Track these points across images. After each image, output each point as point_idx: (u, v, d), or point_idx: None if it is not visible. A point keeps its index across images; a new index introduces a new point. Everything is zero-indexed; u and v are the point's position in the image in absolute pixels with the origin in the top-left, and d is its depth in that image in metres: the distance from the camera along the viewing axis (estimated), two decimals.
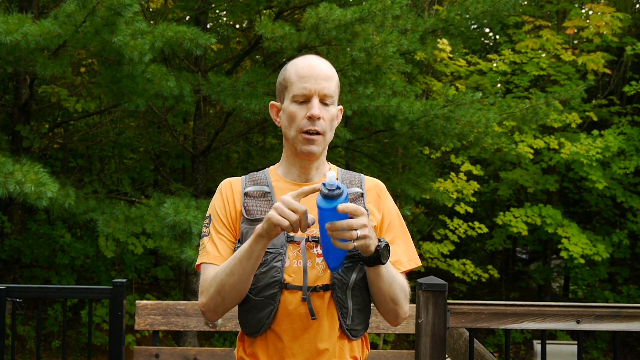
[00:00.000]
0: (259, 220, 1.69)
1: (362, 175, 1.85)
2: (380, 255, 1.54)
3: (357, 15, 5.81)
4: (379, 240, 1.55)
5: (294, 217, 1.47)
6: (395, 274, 1.68)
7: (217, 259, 1.71)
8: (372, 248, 1.52)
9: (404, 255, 1.78)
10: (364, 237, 1.48)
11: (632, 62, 11.97)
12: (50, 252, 8.91)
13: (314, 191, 1.50)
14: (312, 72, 1.69)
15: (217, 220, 1.75)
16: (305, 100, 1.69)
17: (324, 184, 1.46)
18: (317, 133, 1.69)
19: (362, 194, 1.77)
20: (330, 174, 1.46)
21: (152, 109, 7.57)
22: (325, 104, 1.70)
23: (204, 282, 1.70)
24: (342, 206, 1.44)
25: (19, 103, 7.85)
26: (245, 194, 1.75)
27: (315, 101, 1.68)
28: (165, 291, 10.63)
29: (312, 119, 1.67)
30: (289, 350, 1.66)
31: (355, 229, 1.46)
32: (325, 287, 1.67)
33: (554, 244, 11.43)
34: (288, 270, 1.67)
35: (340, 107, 1.82)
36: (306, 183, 1.76)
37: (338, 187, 1.46)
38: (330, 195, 1.45)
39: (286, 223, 1.47)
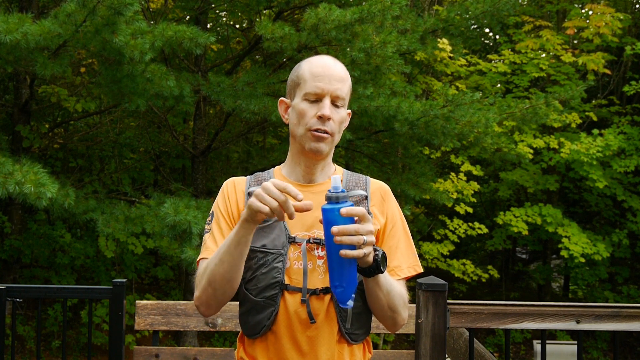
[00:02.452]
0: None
1: (367, 177, 1.83)
2: (380, 264, 1.52)
3: (357, 16, 5.81)
4: (375, 250, 1.53)
5: (274, 204, 1.44)
6: (392, 282, 1.66)
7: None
8: (371, 258, 1.50)
9: (404, 261, 1.76)
10: (371, 243, 1.45)
11: (632, 62, 11.96)
12: (50, 252, 8.91)
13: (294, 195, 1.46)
14: (327, 72, 1.68)
15: (219, 217, 1.74)
16: (317, 99, 1.68)
17: (329, 190, 1.45)
18: (326, 133, 1.67)
19: (366, 197, 1.75)
20: (335, 177, 1.45)
21: (152, 109, 7.57)
22: (336, 106, 1.69)
23: (197, 276, 1.69)
24: (347, 209, 1.42)
25: (19, 103, 7.85)
26: (249, 194, 1.74)
27: (327, 101, 1.67)
28: (165, 291, 10.63)
29: (322, 119, 1.66)
30: (289, 352, 1.65)
31: (362, 235, 1.43)
32: (325, 290, 1.65)
33: (554, 243, 11.43)
34: (289, 272, 1.66)
35: (349, 111, 1.80)
36: (310, 184, 1.75)
37: (342, 191, 1.44)
38: (336, 197, 1.44)
39: (266, 209, 1.44)
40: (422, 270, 1.81)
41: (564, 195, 12.87)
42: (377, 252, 1.52)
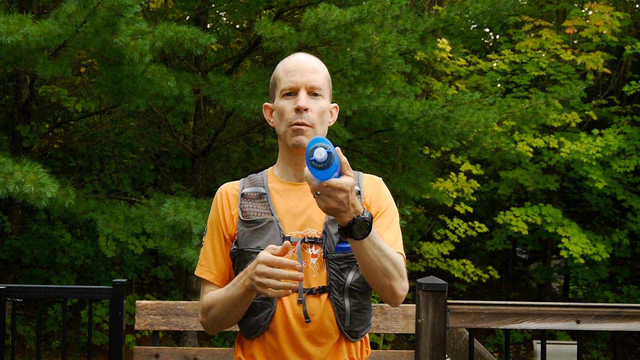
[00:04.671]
0: (254, 222, 1.70)
1: (360, 173, 1.83)
2: (355, 224, 1.46)
3: (357, 16, 5.82)
4: (362, 213, 1.48)
5: (279, 285, 1.47)
6: (386, 248, 1.59)
7: (212, 277, 1.75)
8: (346, 219, 1.46)
9: (398, 240, 1.75)
10: (329, 196, 1.41)
11: (632, 62, 11.96)
12: (50, 252, 8.91)
13: (286, 251, 1.49)
14: (299, 66, 1.70)
15: (213, 233, 1.78)
16: (292, 93, 1.69)
17: (312, 159, 1.41)
18: (306, 125, 1.67)
19: (358, 192, 1.75)
20: (319, 150, 1.41)
21: (152, 109, 7.57)
22: (314, 96, 1.69)
23: (201, 302, 1.75)
24: (344, 161, 1.42)
25: (19, 103, 7.85)
26: (242, 195, 1.76)
27: (302, 93, 1.67)
28: (165, 291, 10.63)
29: (299, 110, 1.66)
30: (286, 351, 1.66)
31: (327, 186, 1.40)
32: (322, 289, 1.66)
33: (554, 243, 11.43)
34: None
35: (335, 105, 1.81)
36: (302, 183, 1.75)
37: (327, 158, 1.41)
38: (321, 168, 1.41)
39: (272, 293, 1.48)
40: (404, 257, 1.77)
41: (564, 195, 12.87)
42: (358, 217, 1.47)
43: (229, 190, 1.79)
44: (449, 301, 2.44)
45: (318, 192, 1.43)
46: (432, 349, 2.40)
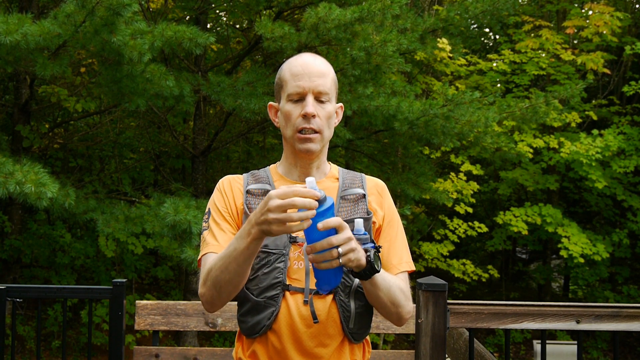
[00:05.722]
0: None
1: (363, 175, 1.83)
2: (374, 264, 1.49)
3: (357, 15, 5.82)
4: (366, 251, 1.50)
5: (298, 215, 1.38)
6: (390, 277, 1.65)
7: (217, 248, 1.67)
8: (363, 261, 1.47)
9: (403, 256, 1.78)
10: (349, 251, 1.42)
11: (632, 62, 11.96)
12: (50, 252, 8.91)
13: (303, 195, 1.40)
14: (306, 69, 1.68)
15: (217, 213, 1.74)
16: (299, 98, 1.67)
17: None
18: (313, 131, 1.67)
19: (364, 195, 1.76)
20: (310, 180, 1.40)
21: (152, 109, 7.57)
22: (321, 101, 1.69)
23: (202, 273, 1.68)
24: (323, 224, 1.38)
25: (19, 103, 7.85)
26: (248, 192, 1.74)
27: (310, 99, 1.66)
28: (165, 291, 10.63)
29: (306, 117, 1.66)
30: (290, 352, 1.65)
31: (337, 245, 1.40)
32: None
33: (554, 243, 11.43)
34: (289, 272, 1.66)
35: (341, 104, 1.81)
36: None
37: (320, 192, 1.40)
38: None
39: (293, 230, 1.41)
40: (414, 268, 1.82)
41: (564, 195, 12.87)
42: (368, 254, 1.50)
43: (233, 183, 1.78)
44: (449, 301, 2.44)
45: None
46: (432, 349, 2.40)
